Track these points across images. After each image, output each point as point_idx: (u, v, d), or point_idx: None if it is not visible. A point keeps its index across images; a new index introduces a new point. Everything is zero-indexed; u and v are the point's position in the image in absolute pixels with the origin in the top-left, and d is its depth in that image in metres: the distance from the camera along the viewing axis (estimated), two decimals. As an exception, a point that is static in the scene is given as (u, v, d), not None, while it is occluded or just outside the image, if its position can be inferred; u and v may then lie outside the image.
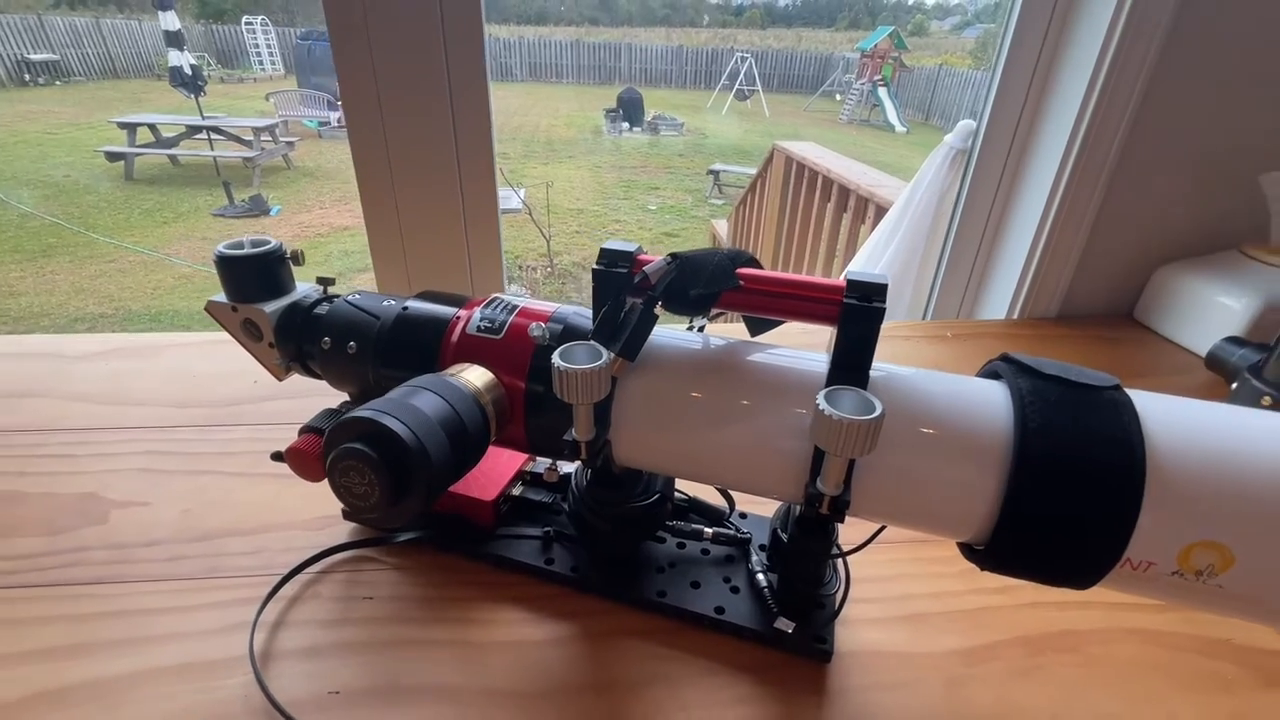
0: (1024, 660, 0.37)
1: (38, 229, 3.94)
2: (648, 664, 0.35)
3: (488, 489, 0.41)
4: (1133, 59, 0.69)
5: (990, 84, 0.79)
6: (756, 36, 18.46)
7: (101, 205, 4.41)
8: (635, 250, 0.32)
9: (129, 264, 3.61)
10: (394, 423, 0.25)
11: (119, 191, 4.67)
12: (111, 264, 3.61)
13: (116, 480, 0.47)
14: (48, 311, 3.12)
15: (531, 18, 20.95)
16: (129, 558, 0.40)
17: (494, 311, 0.35)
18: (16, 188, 4.56)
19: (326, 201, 4.75)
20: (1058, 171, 0.76)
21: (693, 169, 6.29)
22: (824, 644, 0.35)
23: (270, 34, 10.87)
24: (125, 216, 4.27)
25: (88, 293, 3.31)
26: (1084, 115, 0.72)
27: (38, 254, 3.66)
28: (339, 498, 0.26)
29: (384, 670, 0.35)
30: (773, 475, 0.31)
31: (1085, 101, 0.72)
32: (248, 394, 0.57)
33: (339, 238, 4.12)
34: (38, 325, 2.98)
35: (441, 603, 0.39)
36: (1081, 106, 0.72)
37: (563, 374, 0.28)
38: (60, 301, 3.21)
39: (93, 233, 3.92)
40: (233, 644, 0.35)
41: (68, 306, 3.17)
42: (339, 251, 3.95)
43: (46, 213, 4.12)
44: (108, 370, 0.60)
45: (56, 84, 8.64)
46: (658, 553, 0.40)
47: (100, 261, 3.63)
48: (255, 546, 0.42)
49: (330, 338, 0.37)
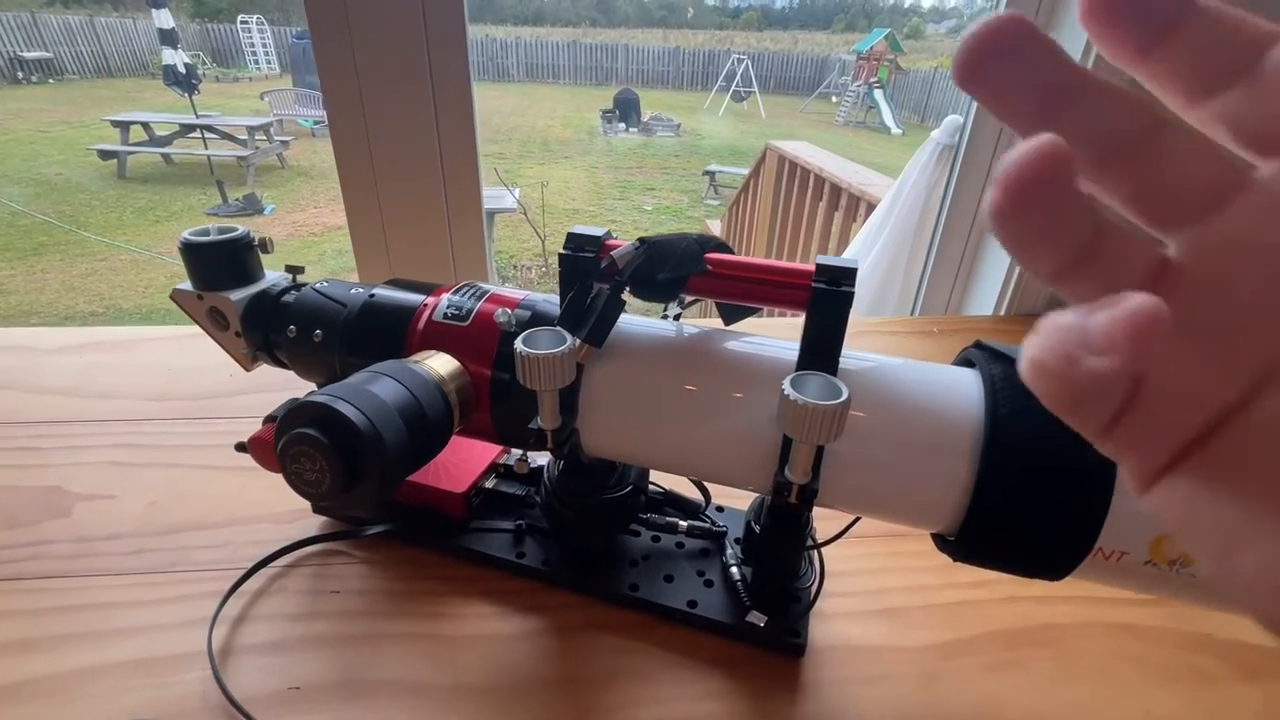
0: (1001, 654, 0.36)
1: (29, 227, 3.92)
2: (618, 658, 0.35)
3: (459, 481, 0.40)
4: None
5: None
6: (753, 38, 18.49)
7: (94, 204, 4.39)
8: (604, 235, 0.31)
9: (120, 263, 3.59)
10: (347, 407, 0.25)
11: (112, 190, 4.64)
12: (103, 262, 3.59)
13: (83, 473, 0.46)
14: (37, 310, 3.10)
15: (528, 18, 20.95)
16: (91, 551, 0.40)
17: (462, 298, 0.35)
18: (8, 186, 4.53)
19: (321, 201, 4.73)
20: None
21: (689, 170, 6.28)
22: (797, 638, 0.34)
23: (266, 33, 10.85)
24: (118, 215, 4.24)
25: (78, 291, 3.28)
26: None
27: (28, 252, 3.63)
28: (291, 485, 0.25)
29: (348, 665, 0.34)
30: (742, 464, 0.30)
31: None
32: (223, 387, 0.56)
33: (333, 237, 4.10)
34: (27, 323, 2.96)
35: (410, 597, 0.38)
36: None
37: (525, 359, 0.27)
38: (50, 299, 3.19)
39: (84, 231, 3.90)
40: (193, 639, 0.34)
41: (58, 305, 3.15)
42: (333, 250, 3.93)
43: (38, 211, 4.09)
44: (81, 364, 0.59)
45: (50, 82, 8.60)
46: (632, 546, 0.40)
47: (92, 260, 3.61)
48: (222, 540, 0.41)
49: (296, 326, 0.36)
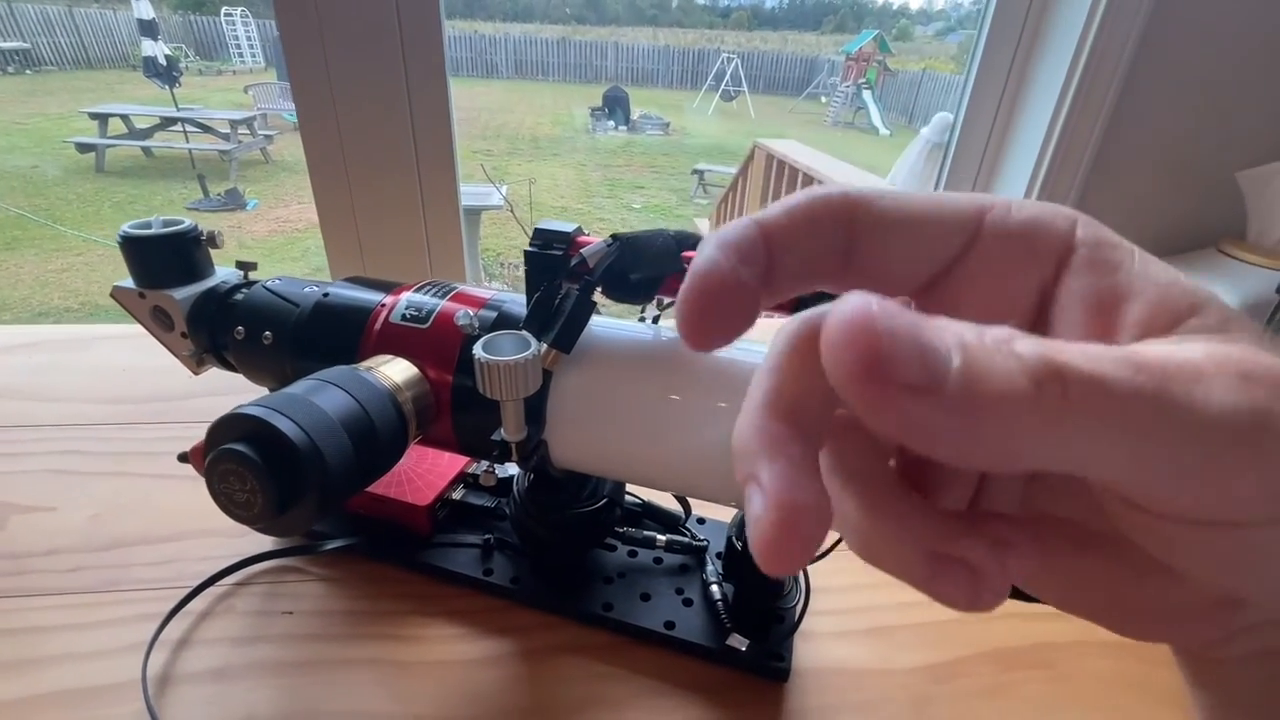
0: (995, 677, 0.34)
1: (2, 221, 3.82)
2: (589, 684, 0.32)
3: (424, 493, 0.38)
4: (1109, 56, 0.68)
5: (966, 80, 0.77)
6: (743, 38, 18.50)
7: (70, 198, 4.29)
8: (573, 231, 0.29)
9: (97, 258, 3.50)
10: (283, 421, 0.22)
11: (89, 184, 4.54)
12: (79, 258, 3.51)
13: (22, 483, 0.43)
14: (9, 305, 3.02)
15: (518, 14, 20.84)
16: (24, 569, 0.37)
17: (423, 297, 0.32)
18: (-19, 179, 4.42)
19: (305, 196, 4.63)
20: (1034, 169, 0.74)
21: (677, 168, 6.25)
22: (781, 661, 0.32)
23: (251, 26, 10.67)
24: (95, 209, 4.15)
25: (53, 286, 3.20)
26: (1060, 113, 0.71)
27: (2, 247, 3.55)
28: (220, 507, 0.23)
29: (299, 694, 0.31)
30: (721, 479, 0.28)
31: (1061, 99, 0.70)
32: (183, 389, 0.53)
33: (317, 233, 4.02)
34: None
35: (369, 618, 0.35)
36: (1058, 104, 0.71)
37: (485, 366, 0.25)
38: (24, 295, 3.11)
39: (60, 226, 3.80)
40: (129, 666, 0.32)
41: (31, 300, 3.07)
42: (317, 247, 3.85)
43: (12, 205, 3.99)
44: (30, 364, 0.56)
45: (27, 73, 8.40)
46: (607, 562, 0.38)
47: (67, 255, 3.53)
48: (168, 555, 0.38)
49: (244, 327, 0.34)
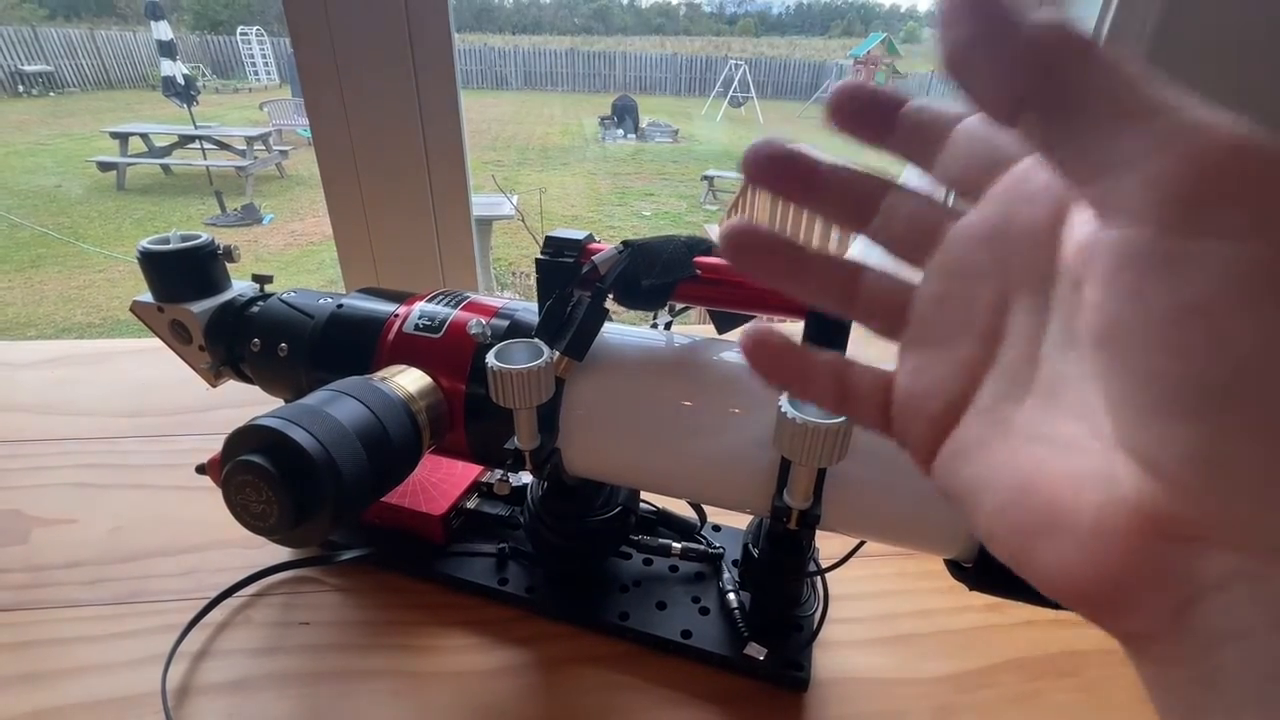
0: (1020, 686, 0.33)
1: (27, 239, 3.91)
2: (605, 694, 0.32)
3: (438, 502, 0.38)
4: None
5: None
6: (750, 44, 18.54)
7: (93, 215, 4.38)
8: (585, 239, 0.29)
9: (119, 274, 3.57)
10: (299, 432, 0.22)
11: (110, 201, 4.64)
12: (101, 274, 3.58)
13: (44, 496, 0.43)
14: (34, 321, 3.08)
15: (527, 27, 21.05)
16: (46, 581, 0.37)
17: (436, 307, 0.32)
18: (7, 198, 4.52)
19: (320, 210, 4.71)
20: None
21: (687, 175, 6.27)
22: (800, 671, 0.32)
23: (265, 44, 10.89)
24: (116, 226, 4.24)
25: (76, 302, 3.27)
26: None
27: (26, 264, 3.63)
28: (236, 518, 0.23)
29: (317, 706, 0.31)
30: (736, 487, 0.28)
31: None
32: (201, 402, 0.54)
33: (332, 246, 4.08)
34: (23, 335, 2.94)
35: (385, 628, 0.35)
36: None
37: (498, 375, 0.25)
38: (48, 311, 3.18)
39: (83, 243, 3.89)
40: (150, 677, 0.32)
41: (55, 316, 3.14)
42: (332, 259, 3.90)
43: (37, 223, 4.09)
44: (53, 379, 0.57)
45: (50, 95, 8.62)
46: (622, 570, 0.37)
47: (90, 271, 3.60)
48: (187, 567, 0.38)
49: (260, 339, 0.34)
